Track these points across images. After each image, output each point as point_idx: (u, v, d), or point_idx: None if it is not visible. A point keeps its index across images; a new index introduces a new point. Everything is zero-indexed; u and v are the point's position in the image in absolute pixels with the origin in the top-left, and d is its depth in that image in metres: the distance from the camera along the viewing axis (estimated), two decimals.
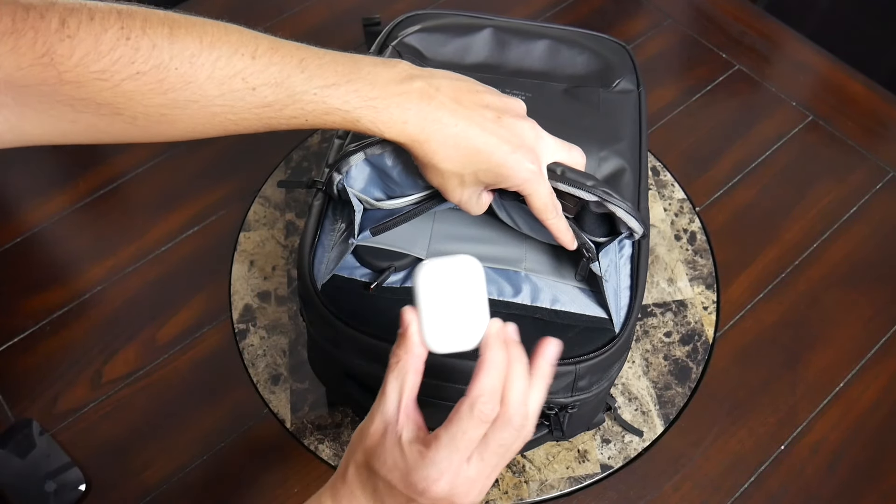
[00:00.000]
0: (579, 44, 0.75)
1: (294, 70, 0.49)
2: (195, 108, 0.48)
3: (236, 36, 0.49)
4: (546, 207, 0.55)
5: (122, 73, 0.45)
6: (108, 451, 0.72)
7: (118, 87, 0.45)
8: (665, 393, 0.75)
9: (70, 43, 0.43)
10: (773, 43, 1.04)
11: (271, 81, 0.49)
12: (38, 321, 0.79)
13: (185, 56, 0.46)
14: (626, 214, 0.59)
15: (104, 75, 0.44)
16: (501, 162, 0.53)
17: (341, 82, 0.50)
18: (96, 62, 0.44)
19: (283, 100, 0.49)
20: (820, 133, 0.94)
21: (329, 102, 0.50)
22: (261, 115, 0.50)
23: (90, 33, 0.44)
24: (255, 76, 0.48)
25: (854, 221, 0.87)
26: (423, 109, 0.51)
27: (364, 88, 0.51)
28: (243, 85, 0.48)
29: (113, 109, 0.46)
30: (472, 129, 0.52)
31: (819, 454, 0.72)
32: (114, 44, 0.44)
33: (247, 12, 1.05)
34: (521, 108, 0.57)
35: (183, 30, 0.47)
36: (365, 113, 0.51)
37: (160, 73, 0.46)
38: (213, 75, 0.47)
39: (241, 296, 0.80)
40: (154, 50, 0.45)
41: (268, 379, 0.75)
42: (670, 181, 0.89)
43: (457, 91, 0.53)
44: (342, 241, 0.62)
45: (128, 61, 0.45)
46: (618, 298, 0.62)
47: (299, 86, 0.49)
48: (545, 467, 0.71)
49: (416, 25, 0.74)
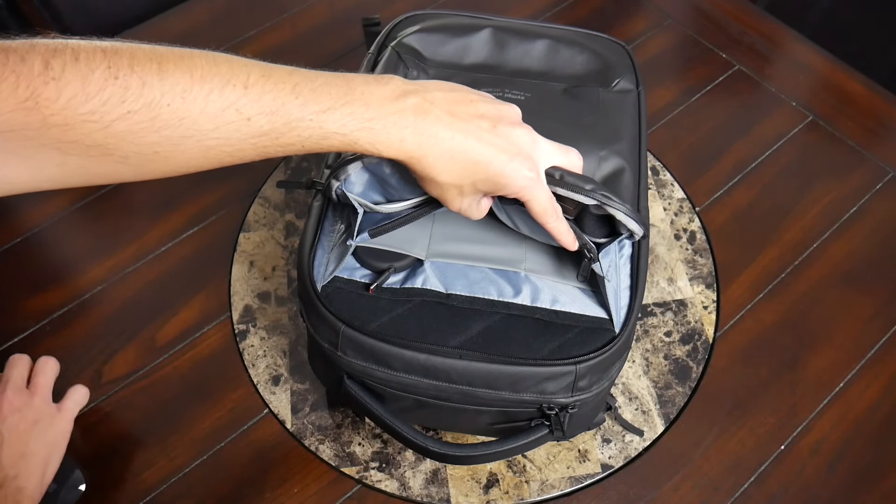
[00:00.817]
0: (578, 43, 0.75)
1: (288, 97, 0.49)
2: (190, 143, 0.47)
3: (226, 66, 0.48)
4: (546, 212, 0.56)
5: (112, 114, 0.44)
6: (108, 451, 0.72)
7: (109, 129, 0.44)
8: (665, 392, 0.75)
9: (56, 85, 0.42)
10: (773, 43, 1.04)
11: (266, 110, 0.48)
12: (37, 321, 0.79)
13: (177, 91, 0.45)
14: (626, 217, 0.59)
15: (94, 116, 0.43)
16: (499, 172, 0.53)
17: (336, 106, 0.50)
18: (84, 104, 0.43)
19: (279, 128, 0.49)
20: (820, 133, 0.94)
21: (326, 127, 0.50)
22: (257, 144, 0.49)
23: (76, 75, 0.42)
24: (249, 106, 0.48)
25: (854, 221, 0.87)
26: (419, 126, 0.51)
27: (359, 110, 0.50)
28: (238, 116, 0.47)
29: (103, 151, 0.45)
30: (468, 141, 0.52)
31: (819, 454, 0.72)
32: (102, 84, 0.43)
33: (247, 12, 1.05)
34: (516, 114, 0.56)
35: (172, 65, 0.46)
36: (362, 135, 0.51)
37: (152, 111, 0.45)
38: (207, 109, 0.46)
39: (241, 296, 0.80)
40: (144, 88, 0.44)
41: (268, 380, 0.75)
42: (670, 181, 0.89)
43: (451, 103, 0.53)
44: (341, 242, 0.62)
45: (118, 101, 0.44)
46: (618, 298, 0.62)
47: (295, 113, 0.49)
48: (546, 467, 0.71)
49: (416, 26, 0.74)
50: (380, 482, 0.70)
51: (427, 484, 0.70)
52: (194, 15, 1.05)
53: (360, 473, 0.70)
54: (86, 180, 0.48)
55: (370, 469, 0.70)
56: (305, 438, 0.72)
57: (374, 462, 0.71)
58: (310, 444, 0.71)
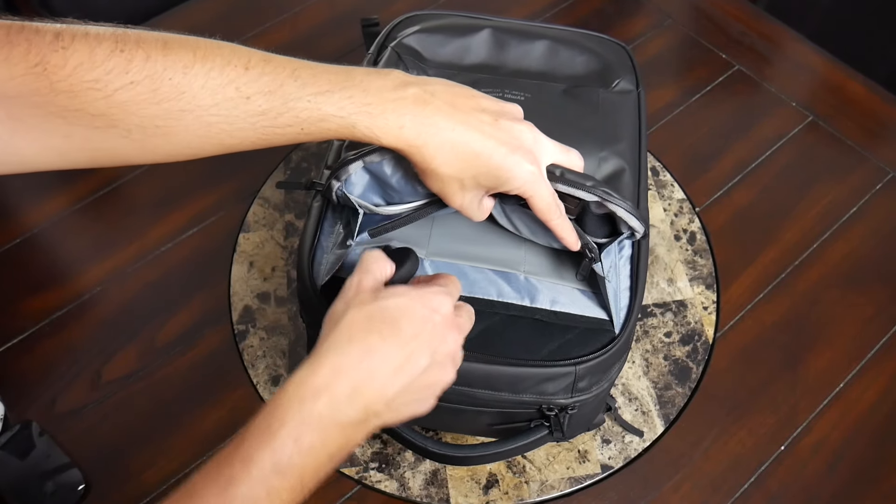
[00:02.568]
0: (578, 44, 0.75)
1: (287, 79, 0.50)
2: (190, 118, 0.48)
3: (228, 49, 0.49)
4: (549, 208, 0.55)
5: (115, 83, 0.45)
6: (107, 451, 0.72)
7: (112, 97, 0.46)
8: (665, 393, 0.75)
9: (64, 54, 0.44)
10: (773, 43, 1.04)
11: (265, 90, 0.49)
12: (37, 322, 0.79)
13: (179, 67, 0.47)
14: (627, 214, 0.59)
15: (98, 84, 0.45)
16: (500, 164, 0.53)
17: (335, 89, 0.50)
18: (90, 72, 0.45)
19: (277, 107, 0.50)
20: (820, 133, 0.94)
21: (324, 109, 0.50)
22: (256, 124, 0.50)
23: (85, 45, 0.45)
24: (248, 85, 0.49)
25: (854, 221, 0.87)
26: (419, 115, 0.51)
27: (358, 95, 0.51)
28: (237, 94, 0.49)
29: (107, 121, 0.47)
30: (469, 132, 0.52)
31: (819, 454, 0.72)
32: (108, 55, 0.45)
33: (247, 12, 1.05)
34: (517, 111, 0.56)
35: (176, 44, 0.48)
36: (361, 119, 0.51)
37: (154, 83, 0.46)
38: (207, 85, 0.48)
39: (241, 297, 0.80)
40: (148, 61, 0.46)
41: (268, 380, 0.75)
42: (670, 181, 0.89)
43: (452, 96, 0.53)
44: (341, 243, 0.62)
45: (122, 71, 0.45)
46: (617, 299, 0.62)
47: (293, 93, 0.50)
48: (545, 468, 0.71)
49: (415, 26, 0.74)
50: (379, 483, 0.70)
51: (427, 484, 0.70)
52: (194, 15, 1.05)
53: (360, 474, 0.70)
54: (93, 157, 0.49)
55: (370, 469, 0.70)
56: None
57: (373, 462, 0.71)
58: None
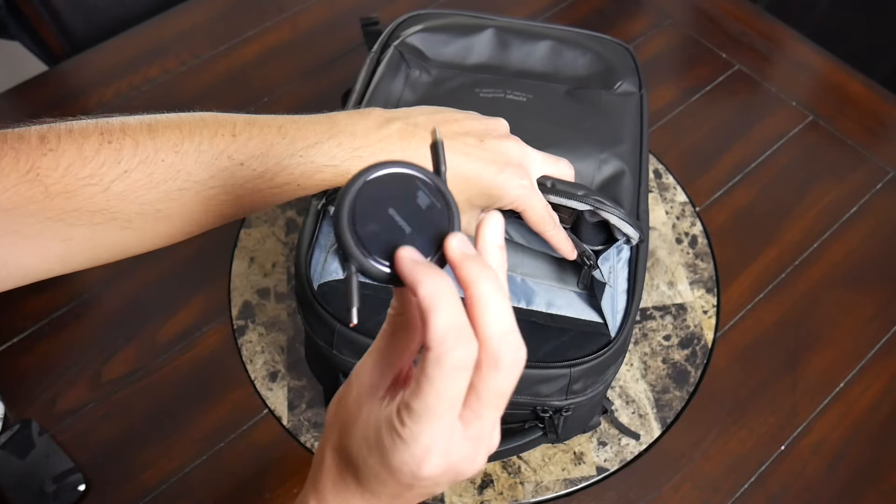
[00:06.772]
0: (582, 45, 0.74)
1: (276, 138, 0.50)
2: (188, 196, 0.48)
3: (212, 119, 0.50)
4: (543, 220, 0.56)
5: (110, 175, 0.45)
6: (107, 451, 0.71)
7: (109, 190, 0.46)
8: (663, 396, 0.75)
9: (53, 155, 0.44)
10: (773, 43, 1.03)
11: (257, 153, 0.49)
12: (37, 321, 0.79)
13: (169, 146, 0.47)
14: (621, 221, 0.58)
15: (93, 180, 0.45)
16: (491, 183, 0.53)
17: (323, 139, 0.51)
18: (83, 168, 0.44)
19: (272, 168, 0.50)
20: (820, 133, 0.94)
21: (316, 161, 0.51)
22: (253, 189, 0.50)
23: (72, 143, 0.44)
24: (239, 152, 0.49)
25: (854, 221, 0.86)
26: (406, 149, 0.52)
27: (346, 140, 0.51)
28: (230, 162, 0.49)
29: (107, 216, 0.46)
30: (456, 157, 0.53)
31: (819, 454, 0.72)
32: (97, 148, 0.45)
33: (247, 12, 1.05)
34: (503, 127, 0.57)
35: (161, 125, 0.48)
36: (353, 164, 0.51)
37: (148, 168, 0.46)
38: (200, 159, 0.48)
39: (241, 292, 0.80)
40: (138, 147, 0.46)
41: (265, 376, 0.75)
42: (672, 184, 0.89)
43: (435, 124, 0.54)
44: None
45: (114, 161, 0.45)
46: (614, 302, 0.62)
47: (284, 150, 0.50)
48: (541, 469, 0.70)
49: (419, 25, 0.74)
50: None
51: None
52: (194, 15, 1.05)
53: None
54: (94, 257, 0.49)
55: None
56: (301, 435, 0.72)
57: None
58: (306, 440, 0.71)
